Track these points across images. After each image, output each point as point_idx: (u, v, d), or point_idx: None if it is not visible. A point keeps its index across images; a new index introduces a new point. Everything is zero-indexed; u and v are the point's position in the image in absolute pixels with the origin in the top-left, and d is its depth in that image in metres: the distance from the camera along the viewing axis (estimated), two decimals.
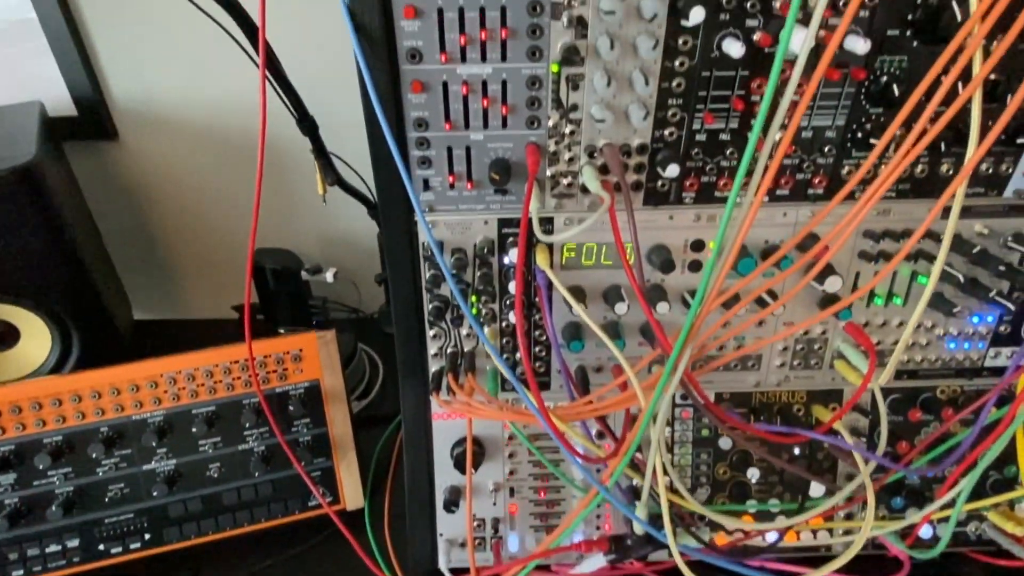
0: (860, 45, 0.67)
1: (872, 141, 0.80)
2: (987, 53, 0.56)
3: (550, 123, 0.80)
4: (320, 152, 1.23)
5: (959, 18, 0.69)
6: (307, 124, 1.20)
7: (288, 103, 1.16)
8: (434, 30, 0.74)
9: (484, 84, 0.78)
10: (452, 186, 0.82)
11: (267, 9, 0.73)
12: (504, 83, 0.78)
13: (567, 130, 0.80)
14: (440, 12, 0.73)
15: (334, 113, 1.14)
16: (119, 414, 0.98)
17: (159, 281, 1.71)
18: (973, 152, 0.60)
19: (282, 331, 1.43)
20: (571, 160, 0.82)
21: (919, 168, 0.82)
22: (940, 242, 0.67)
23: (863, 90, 0.78)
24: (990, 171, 0.83)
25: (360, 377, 1.44)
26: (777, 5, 0.72)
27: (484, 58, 0.76)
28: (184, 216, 1.61)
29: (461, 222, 0.84)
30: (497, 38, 0.75)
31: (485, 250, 0.85)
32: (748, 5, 0.72)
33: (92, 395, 0.96)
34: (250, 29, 1.06)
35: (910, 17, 0.73)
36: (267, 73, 0.96)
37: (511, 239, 0.86)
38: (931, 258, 0.86)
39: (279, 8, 0.93)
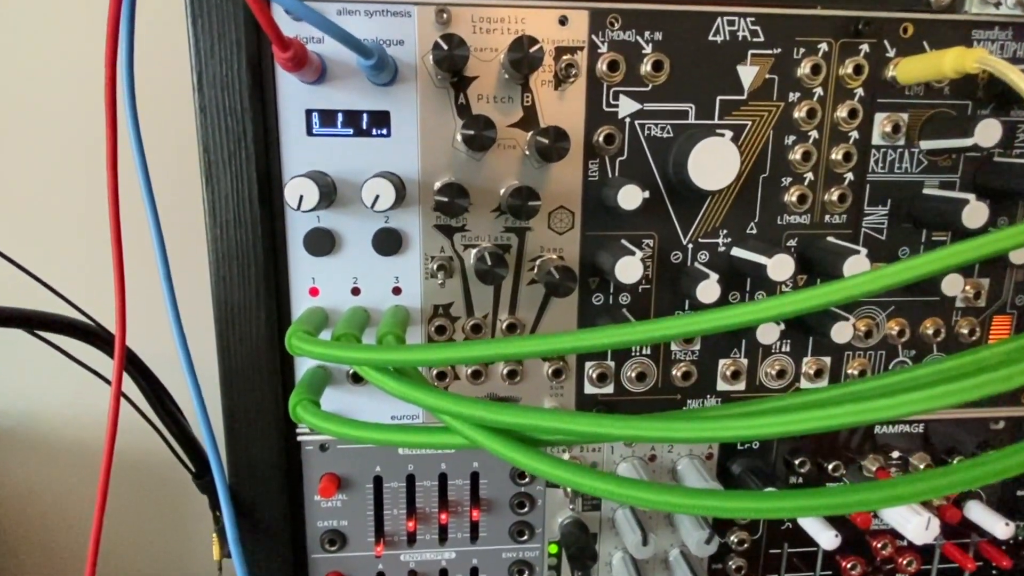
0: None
1: None
2: None
3: None
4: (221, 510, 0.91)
5: None
6: (205, 481, 0.89)
7: (182, 455, 0.86)
8: (367, 508, 0.47)
9: (443, 573, 0.50)
10: None
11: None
12: (474, 571, 0.50)
13: None
14: (378, 483, 0.47)
15: None
16: None
17: None
18: None
19: None
20: None
21: None
22: None
23: None
24: None
25: None
26: None
27: (444, 540, 0.49)
28: (41, 551, 1.22)
29: None
30: (465, 515, 0.48)
31: None
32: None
33: None
34: (128, 361, 0.79)
35: None
36: (161, 419, 0.70)
37: None
38: None
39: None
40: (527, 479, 0.48)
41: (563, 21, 0.40)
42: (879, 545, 0.52)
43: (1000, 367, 0.30)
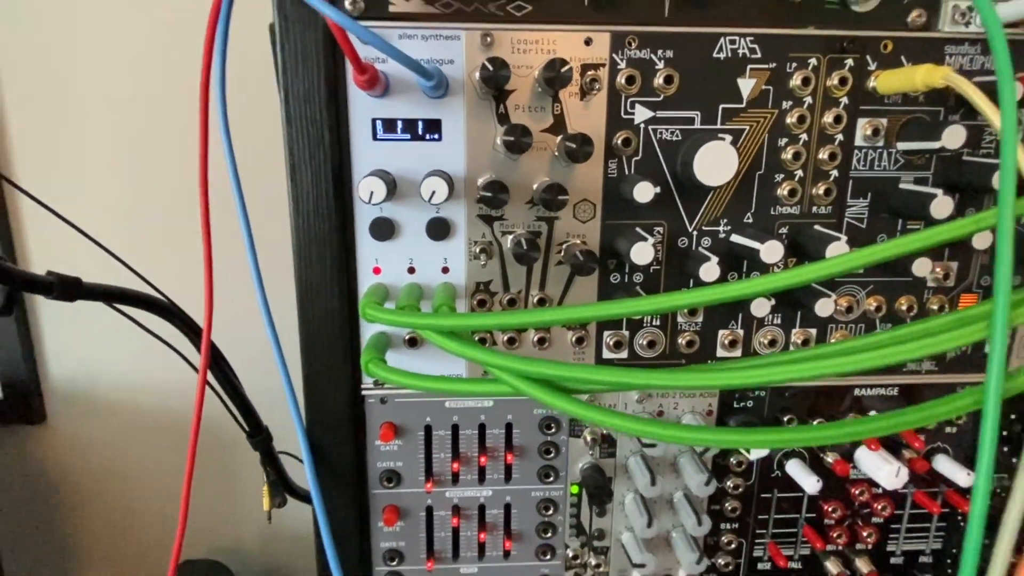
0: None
1: None
2: None
3: (569, 552, 0.60)
4: (272, 464, 1.01)
5: None
6: (259, 439, 0.99)
7: (237, 415, 0.96)
8: (419, 451, 0.56)
9: (482, 508, 0.58)
10: None
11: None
12: (508, 507, 0.59)
13: (591, 560, 0.60)
14: (428, 430, 0.56)
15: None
16: None
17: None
18: None
19: None
20: None
21: None
22: None
23: None
24: None
25: None
26: None
27: (482, 480, 0.58)
28: (102, 507, 1.34)
29: None
30: (500, 459, 0.57)
31: None
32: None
33: None
34: (195, 333, 0.88)
35: None
36: (213, 379, 0.78)
37: None
38: None
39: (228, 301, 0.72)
40: (553, 429, 0.57)
41: (588, 42, 0.47)
42: (857, 492, 0.59)
43: (939, 334, 0.37)
